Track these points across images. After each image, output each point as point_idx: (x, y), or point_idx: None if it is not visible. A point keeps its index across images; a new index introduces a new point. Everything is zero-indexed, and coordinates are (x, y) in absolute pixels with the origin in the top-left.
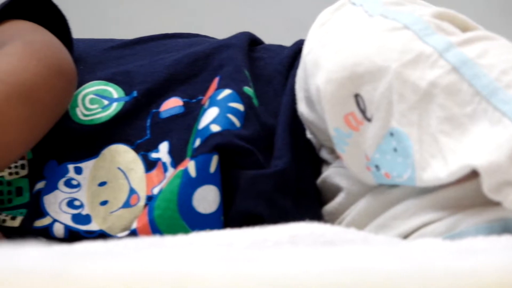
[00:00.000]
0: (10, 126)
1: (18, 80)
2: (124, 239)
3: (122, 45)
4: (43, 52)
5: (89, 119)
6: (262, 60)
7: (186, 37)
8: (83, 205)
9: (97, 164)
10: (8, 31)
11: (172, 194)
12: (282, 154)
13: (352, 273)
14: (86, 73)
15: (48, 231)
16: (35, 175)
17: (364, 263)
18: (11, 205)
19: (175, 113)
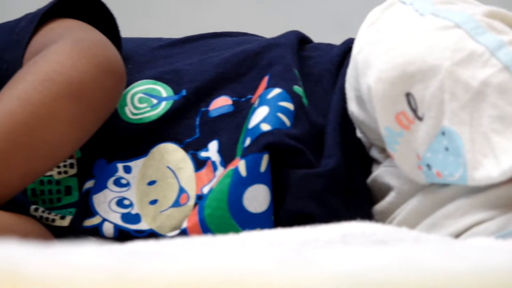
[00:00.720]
0: (60, 124)
1: (67, 78)
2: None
3: (170, 44)
4: (92, 50)
5: (138, 118)
6: (311, 59)
7: (235, 36)
8: (132, 204)
9: (146, 163)
10: (57, 30)
11: (222, 194)
12: (332, 153)
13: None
14: (135, 72)
15: (98, 231)
16: (84, 174)
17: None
18: (60, 204)
19: (225, 112)
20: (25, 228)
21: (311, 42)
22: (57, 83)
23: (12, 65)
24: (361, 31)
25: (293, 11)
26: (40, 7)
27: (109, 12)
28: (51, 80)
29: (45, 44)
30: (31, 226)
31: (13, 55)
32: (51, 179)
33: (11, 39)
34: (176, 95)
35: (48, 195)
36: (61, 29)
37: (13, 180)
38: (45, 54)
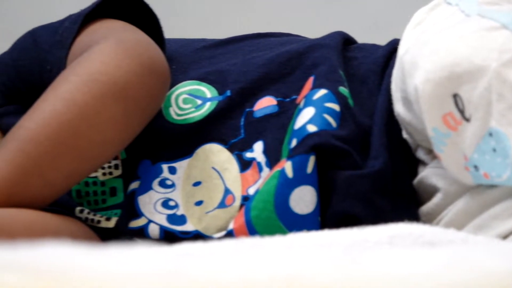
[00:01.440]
0: (105, 125)
1: (111, 79)
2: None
3: (214, 45)
4: (136, 50)
5: (183, 119)
6: (356, 59)
7: (278, 36)
8: (178, 205)
9: (191, 164)
10: (100, 30)
11: (269, 195)
12: (379, 155)
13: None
14: (179, 73)
15: (143, 232)
16: (129, 175)
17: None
18: (105, 205)
19: (269, 112)
20: (71, 230)
21: (355, 43)
22: (101, 83)
23: (56, 65)
24: (406, 32)
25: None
26: (83, 8)
27: (153, 12)
28: (95, 80)
29: (88, 45)
30: (77, 227)
31: (56, 55)
32: (96, 180)
33: (55, 40)
34: (220, 95)
35: (93, 196)
36: (104, 30)
37: (58, 181)
38: (89, 55)
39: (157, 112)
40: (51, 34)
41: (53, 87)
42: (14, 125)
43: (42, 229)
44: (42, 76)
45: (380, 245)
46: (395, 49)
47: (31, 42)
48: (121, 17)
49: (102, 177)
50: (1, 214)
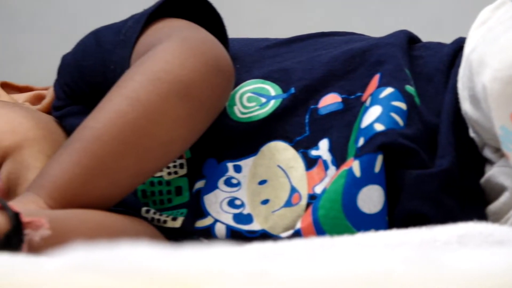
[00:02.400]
0: (170, 123)
1: (176, 77)
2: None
3: (278, 44)
4: (200, 49)
5: (247, 117)
6: (421, 58)
7: (342, 35)
8: (244, 204)
9: (256, 162)
10: (164, 29)
11: (336, 194)
12: (446, 153)
13: None
14: (243, 72)
15: (210, 232)
16: (195, 174)
17: None
18: (171, 205)
19: (334, 109)
20: (138, 230)
21: (420, 41)
22: (166, 82)
23: (120, 65)
24: (472, 30)
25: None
26: (147, 8)
27: (216, 12)
28: (159, 79)
29: (152, 44)
30: (143, 228)
31: (120, 55)
32: (161, 180)
33: (118, 40)
34: (284, 93)
35: (159, 196)
36: (168, 29)
37: (124, 181)
38: (153, 54)
39: (222, 111)
40: (114, 34)
41: (118, 86)
42: (78, 126)
43: (109, 230)
44: (105, 76)
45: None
46: (460, 47)
47: (94, 43)
48: (184, 17)
49: (167, 177)
50: (68, 215)
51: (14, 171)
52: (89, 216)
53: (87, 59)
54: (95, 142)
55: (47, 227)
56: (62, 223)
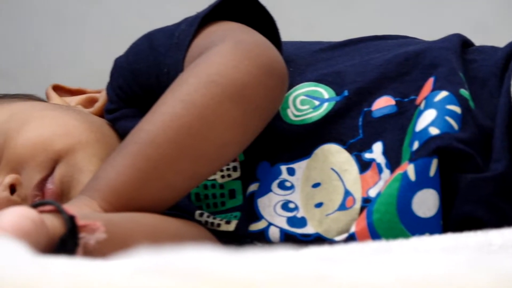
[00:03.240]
0: (224, 126)
1: (230, 80)
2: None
3: (331, 47)
4: (254, 51)
5: (300, 120)
6: (475, 62)
7: (395, 39)
8: (297, 208)
9: (309, 165)
10: (217, 32)
11: (391, 198)
12: (501, 157)
13: None
14: (296, 75)
15: (264, 235)
16: (248, 177)
17: None
18: (224, 208)
19: (388, 112)
20: (192, 233)
21: (473, 45)
22: (220, 85)
23: (173, 68)
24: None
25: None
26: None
27: (269, 14)
28: (214, 82)
29: (206, 47)
30: (198, 231)
31: (174, 58)
32: (215, 183)
33: (172, 43)
34: (338, 96)
35: (212, 199)
36: (221, 31)
37: (179, 184)
38: (207, 56)
39: (275, 114)
40: (167, 37)
41: (172, 89)
42: (132, 128)
43: (163, 233)
44: (159, 79)
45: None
46: None
47: (147, 46)
48: (237, 19)
49: (220, 180)
50: (124, 219)
51: (67, 174)
52: (144, 219)
53: (140, 62)
54: (149, 145)
55: (102, 230)
56: (117, 227)
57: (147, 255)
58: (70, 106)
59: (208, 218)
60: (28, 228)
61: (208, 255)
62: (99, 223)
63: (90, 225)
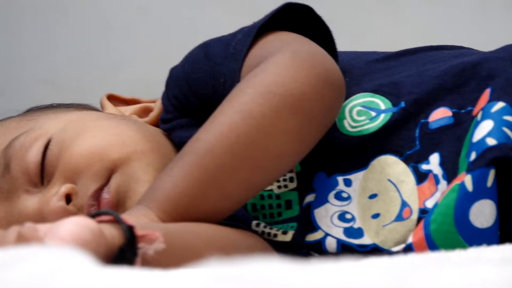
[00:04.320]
0: (281, 136)
1: (287, 90)
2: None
3: (386, 57)
4: (311, 62)
5: (357, 131)
6: None
7: (451, 49)
8: (354, 218)
9: (366, 176)
10: (274, 42)
11: (448, 208)
12: None
13: None
14: (352, 85)
15: (320, 246)
16: (304, 187)
17: None
18: (280, 218)
19: (445, 123)
20: (249, 244)
21: None
22: (277, 95)
23: (230, 78)
24: None
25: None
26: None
27: (324, 24)
28: (271, 92)
29: (262, 57)
30: (255, 241)
31: (230, 68)
32: (271, 194)
33: (228, 53)
34: (395, 107)
35: (269, 209)
36: (278, 42)
37: (236, 194)
38: (264, 67)
39: (332, 124)
40: (223, 47)
41: (229, 99)
42: (187, 138)
43: (221, 243)
44: (214, 88)
45: None
46: None
47: (203, 55)
48: (293, 29)
49: (277, 190)
50: (181, 229)
51: (123, 184)
52: (201, 229)
53: (196, 72)
54: (207, 155)
55: (161, 240)
56: (175, 237)
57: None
58: (125, 116)
59: (264, 229)
60: (87, 238)
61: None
62: (157, 233)
63: (149, 235)
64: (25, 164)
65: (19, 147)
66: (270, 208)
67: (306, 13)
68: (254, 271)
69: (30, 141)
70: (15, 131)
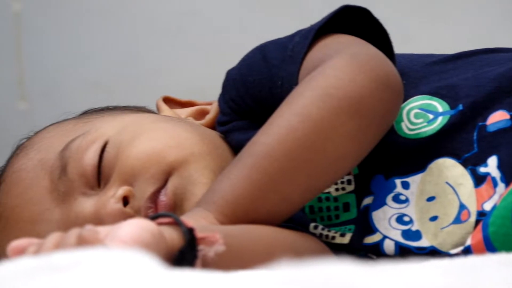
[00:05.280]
0: (340, 139)
1: (346, 93)
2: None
3: (443, 60)
4: (370, 64)
5: (415, 133)
6: None
7: (506, 52)
8: (412, 221)
9: (424, 179)
10: (332, 45)
11: (506, 211)
12: None
13: None
14: (410, 88)
15: (378, 248)
16: (362, 190)
17: None
18: (338, 221)
19: (503, 126)
20: (308, 246)
21: None
22: (336, 98)
23: (287, 80)
24: None
25: None
26: (314, 23)
27: (382, 26)
28: (330, 95)
29: (320, 60)
30: (314, 243)
31: (288, 71)
32: (329, 196)
33: (286, 55)
34: (452, 109)
35: (326, 212)
36: (336, 44)
37: (295, 197)
38: (323, 70)
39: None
40: (280, 49)
41: (288, 102)
42: (244, 141)
43: (281, 245)
44: (272, 91)
45: None
46: None
47: (260, 58)
48: (350, 32)
49: (335, 193)
50: (241, 231)
51: (180, 186)
52: (261, 231)
53: (253, 74)
54: (265, 157)
55: (221, 242)
56: (236, 239)
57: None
58: (181, 118)
59: (322, 231)
60: (147, 240)
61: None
62: (218, 235)
63: (209, 237)
64: (82, 167)
65: (76, 149)
66: (328, 211)
67: (363, 15)
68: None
69: (87, 144)
70: (72, 133)
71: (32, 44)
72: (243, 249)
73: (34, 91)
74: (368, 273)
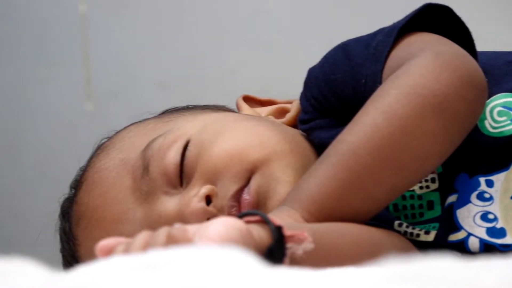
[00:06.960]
0: (426, 138)
1: (431, 92)
2: None
3: None
4: (454, 63)
5: (498, 131)
6: None
7: None
8: (496, 219)
9: (508, 177)
10: (416, 44)
11: None
12: None
13: None
14: (492, 86)
15: (463, 245)
16: (446, 188)
17: None
18: (422, 219)
19: None
20: (394, 244)
21: None
22: (421, 96)
23: (371, 79)
24: None
25: None
26: (396, 21)
27: (464, 24)
28: (415, 93)
29: (404, 58)
30: (399, 241)
31: (371, 69)
32: (413, 194)
33: (369, 53)
34: None
35: (411, 210)
36: (420, 43)
37: (380, 195)
38: (407, 68)
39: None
40: (363, 47)
41: (373, 100)
42: (327, 139)
43: (367, 243)
44: (355, 89)
45: None
46: None
47: (343, 56)
48: (432, 30)
49: (419, 191)
50: (329, 229)
51: (263, 184)
52: (347, 229)
53: (336, 73)
54: (351, 156)
55: (310, 240)
56: (323, 237)
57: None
58: (262, 117)
59: (407, 229)
60: (235, 238)
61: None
62: (306, 233)
63: (298, 235)
64: (164, 166)
65: (158, 148)
66: (412, 209)
67: (444, 13)
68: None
69: (168, 143)
70: (153, 133)
71: (98, 45)
72: (330, 247)
73: (100, 92)
74: (474, 269)
